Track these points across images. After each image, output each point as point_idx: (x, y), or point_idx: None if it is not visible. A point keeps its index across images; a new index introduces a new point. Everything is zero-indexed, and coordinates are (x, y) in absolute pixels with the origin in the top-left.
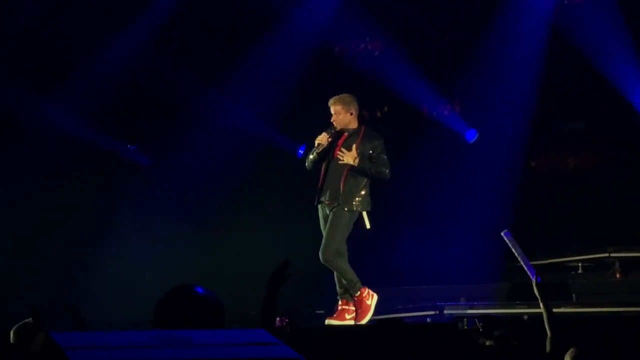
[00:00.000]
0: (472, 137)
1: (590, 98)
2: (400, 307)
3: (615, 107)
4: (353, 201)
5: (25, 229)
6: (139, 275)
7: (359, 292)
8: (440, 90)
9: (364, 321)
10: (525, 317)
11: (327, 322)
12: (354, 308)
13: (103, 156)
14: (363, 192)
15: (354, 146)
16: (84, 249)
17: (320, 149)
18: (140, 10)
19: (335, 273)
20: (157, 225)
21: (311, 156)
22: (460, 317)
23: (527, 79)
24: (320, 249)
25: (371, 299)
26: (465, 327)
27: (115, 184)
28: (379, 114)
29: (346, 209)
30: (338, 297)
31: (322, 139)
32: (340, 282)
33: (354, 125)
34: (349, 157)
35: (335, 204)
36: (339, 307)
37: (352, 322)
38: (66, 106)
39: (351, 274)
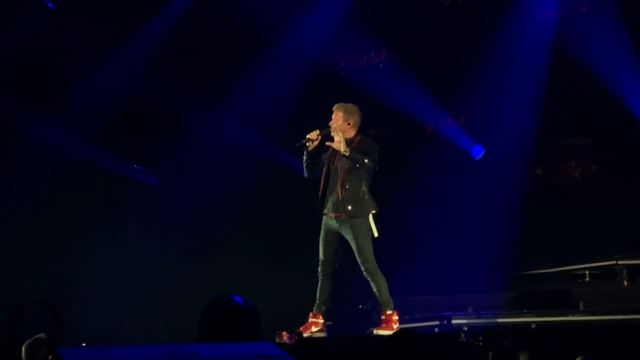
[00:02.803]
0: (479, 153)
1: (595, 111)
2: (407, 317)
3: (620, 118)
4: (359, 207)
5: (27, 246)
6: (143, 294)
7: (392, 311)
8: (444, 105)
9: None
10: (534, 325)
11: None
12: (322, 321)
13: (109, 176)
14: (364, 195)
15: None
16: (87, 266)
17: (310, 144)
18: (142, 28)
19: (322, 286)
20: (162, 244)
21: (304, 158)
22: (459, 330)
23: (531, 92)
24: (360, 262)
25: (397, 324)
26: (463, 339)
27: (120, 204)
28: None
29: (356, 217)
30: (316, 311)
31: (313, 134)
32: (323, 293)
33: (349, 134)
34: (338, 144)
35: (344, 216)
36: (310, 320)
37: (322, 334)
38: (69, 125)
39: (387, 289)
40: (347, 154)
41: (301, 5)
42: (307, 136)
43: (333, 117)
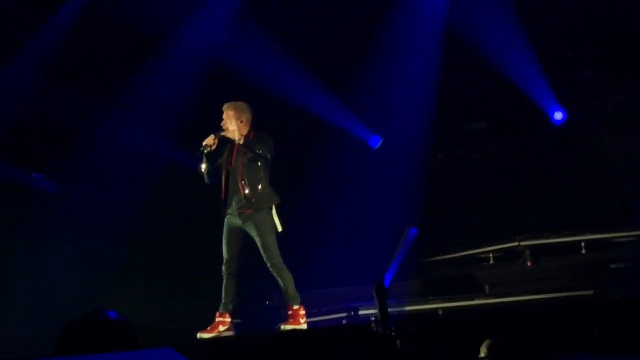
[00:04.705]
0: (376, 143)
1: (489, 95)
2: (315, 310)
3: (514, 100)
4: (261, 201)
5: None
6: (43, 300)
7: (299, 306)
8: (340, 97)
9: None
10: (440, 311)
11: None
12: (229, 319)
13: (6, 185)
14: (264, 187)
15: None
16: None
17: (207, 150)
18: (33, 36)
19: (227, 284)
20: (62, 252)
21: (203, 165)
22: (368, 321)
23: (425, 80)
24: (265, 257)
25: (304, 319)
26: (374, 329)
27: (19, 213)
28: None
29: (259, 210)
30: (222, 309)
31: (209, 140)
32: (228, 291)
33: (243, 131)
34: (233, 132)
35: (247, 212)
36: (217, 319)
37: (229, 333)
38: None
39: (293, 284)
40: (241, 142)
41: (191, 4)
42: (204, 143)
43: (224, 116)
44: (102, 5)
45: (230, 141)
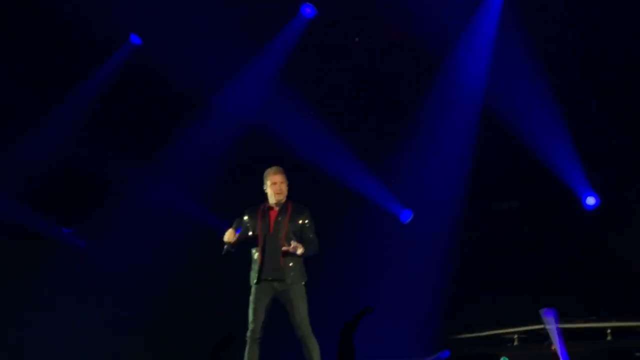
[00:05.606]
0: (407, 217)
1: (524, 176)
2: None
3: (547, 181)
4: (298, 272)
5: None
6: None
7: None
8: (373, 169)
9: None
10: None
11: None
12: None
13: (37, 239)
14: (302, 261)
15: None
16: (16, 331)
17: (230, 246)
18: (73, 91)
19: (250, 351)
20: (91, 308)
21: (225, 250)
22: None
23: (459, 157)
24: (297, 324)
25: None
26: None
27: (49, 267)
28: None
29: (299, 282)
30: None
31: (230, 236)
32: (251, 357)
33: (285, 199)
34: (295, 249)
35: (286, 281)
36: None
37: None
38: None
39: (319, 355)
40: (306, 254)
41: (231, 69)
42: (225, 240)
43: (277, 181)
44: (142, 64)
45: (270, 209)
